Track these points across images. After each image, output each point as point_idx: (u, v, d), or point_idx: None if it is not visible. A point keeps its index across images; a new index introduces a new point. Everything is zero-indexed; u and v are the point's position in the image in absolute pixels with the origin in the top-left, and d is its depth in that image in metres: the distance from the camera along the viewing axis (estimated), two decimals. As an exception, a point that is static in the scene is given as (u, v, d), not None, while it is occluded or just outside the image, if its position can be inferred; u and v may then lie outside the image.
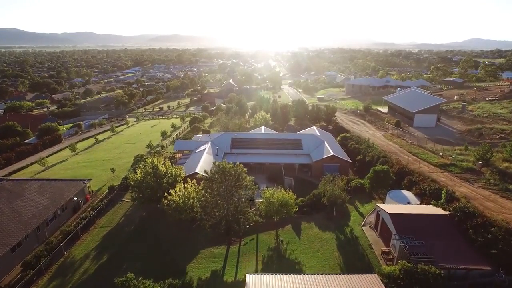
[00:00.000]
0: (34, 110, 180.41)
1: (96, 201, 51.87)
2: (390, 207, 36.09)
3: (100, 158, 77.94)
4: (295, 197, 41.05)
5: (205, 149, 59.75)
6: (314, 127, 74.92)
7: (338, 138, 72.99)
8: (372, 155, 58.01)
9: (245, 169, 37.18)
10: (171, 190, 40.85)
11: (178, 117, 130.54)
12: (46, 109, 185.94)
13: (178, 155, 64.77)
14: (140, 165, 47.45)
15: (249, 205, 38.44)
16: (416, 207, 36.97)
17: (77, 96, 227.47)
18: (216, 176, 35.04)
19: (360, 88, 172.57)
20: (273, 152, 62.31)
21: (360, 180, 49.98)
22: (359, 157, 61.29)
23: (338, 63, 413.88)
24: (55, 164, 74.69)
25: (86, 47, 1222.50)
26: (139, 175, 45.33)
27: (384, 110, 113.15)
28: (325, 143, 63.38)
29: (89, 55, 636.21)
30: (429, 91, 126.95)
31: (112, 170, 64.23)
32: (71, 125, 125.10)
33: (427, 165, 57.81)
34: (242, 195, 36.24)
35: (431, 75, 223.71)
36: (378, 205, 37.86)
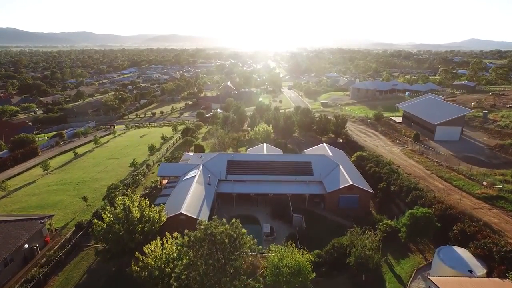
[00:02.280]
0: (19, 115, 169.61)
1: (56, 247, 41.01)
2: (450, 284, 25.40)
3: (75, 179, 67.02)
4: (312, 257, 30.33)
5: (195, 175, 48.97)
6: (325, 144, 64.11)
7: (353, 158, 62.26)
8: (400, 185, 47.30)
9: (245, 230, 26.47)
10: (144, 248, 30.11)
11: (170, 125, 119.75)
12: (33, 113, 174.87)
13: (164, 181, 53.94)
14: (107, 207, 36.51)
15: (249, 273, 27.61)
16: (486, 285, 26.22)
17: (67, 99, 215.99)
18: (203, 243, 24.36)
19: (366, 92, 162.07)
20: (277, 179, 51.57)
21: (389, 223, 39.17)
22: (381, 185, 50.63)
23: (339, 64, 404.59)
24: (20, 187, 63.70)
25: (83, 47, 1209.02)
26: (107, 219, 34.64)
27: (397, 119, 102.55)
28: (340, 167, 52.69)
29: (85, 55, 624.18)
30: (442, 97, 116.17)
31: (85, 198, 53.36)
32: (53, 133, 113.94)
33: (467, 196, 47.16)
34: (240, 265, 25.45)
35: (438, 78, 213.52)
36: (430, 278, 27.10)
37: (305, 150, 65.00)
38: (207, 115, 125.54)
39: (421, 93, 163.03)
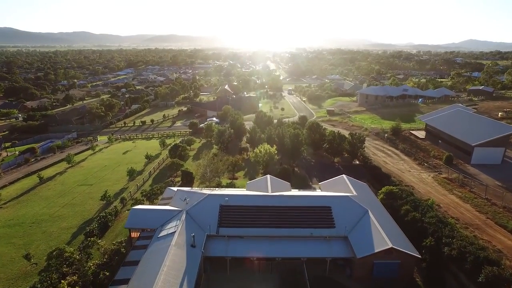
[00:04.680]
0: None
1: None
2: None
3: (31, 216, 53.55)
4: None
5: (174, 232, 35.59)
6: (344, 176, 50.47)
7: (381, 195, 48.81)
8: (460, 249, 33.88)
9: None
10: None
11: (160, 137, 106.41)
12: (14, 120, 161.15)
13: (135, 234, 40.48)
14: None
15: None
16: None
17: (54, 103, 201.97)
18: None
19: (376, 98, 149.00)
20: (287, 234, 38.12)
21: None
22: (427, 241, 37.18)
23: (340, 66, 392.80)
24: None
25: (81, 47, 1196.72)
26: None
27: (419, 133, 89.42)
28: (370, 214, 39.39)
29: (82, 56, 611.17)
30: (472, 109, 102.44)
31: (27, 256, 39.74)
32: (26, 147, 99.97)
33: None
34: None
35: (450, 82, 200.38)
36: None
37: (320, 184, 51.53)
38: (201, 125, 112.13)
39: (435, 99, 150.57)
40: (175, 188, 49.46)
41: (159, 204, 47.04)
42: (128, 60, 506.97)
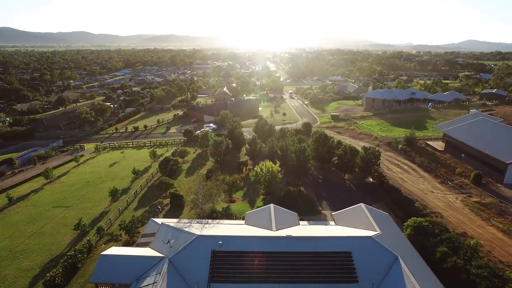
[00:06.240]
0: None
1: None
2: None
3: (-11, 250, 45.09)
4: None
5: (150, 293, 27.18)
6: (363, 205, 41.79)
7: (408, 230, 40.28)
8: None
9: None
10: None
11: (152, 145, 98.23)
12: (1, 124, 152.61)
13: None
14: None
15: None
16: None
17: (46, 106, 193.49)
18: None
19: (383, 102, 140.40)
20: (297, 292, 29.70)
21: None
22: (478, 302, 28.92)
23: (341, 66, 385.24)
24: None
25: (80, 47, 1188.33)
26: None
27: (436, 144, 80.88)
28: (401, 263, 30.94)
29: (80, 56, 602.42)
30: (496, 118, 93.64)
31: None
32: (4, 157, 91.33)
33: None
34: None
35: (458, 84, 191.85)
36: None
37: (334, 214, 42.87)
38: (197, 132, 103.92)
39: (446, 104, 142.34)
40: (159, 221, 40.94)
41: (138, 243, 38.64)
42: (126, 61, 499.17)
